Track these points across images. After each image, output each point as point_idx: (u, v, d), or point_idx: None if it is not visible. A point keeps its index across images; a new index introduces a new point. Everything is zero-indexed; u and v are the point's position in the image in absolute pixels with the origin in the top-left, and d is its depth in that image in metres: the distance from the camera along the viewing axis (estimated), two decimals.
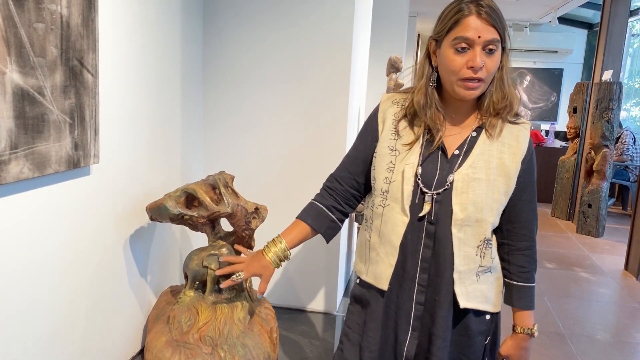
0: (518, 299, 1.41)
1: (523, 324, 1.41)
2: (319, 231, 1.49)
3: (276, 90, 2.09)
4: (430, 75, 1.36)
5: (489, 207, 1.32)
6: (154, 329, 1.57)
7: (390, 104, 1.45)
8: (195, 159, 2.11)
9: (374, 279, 1.43)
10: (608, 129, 5.68)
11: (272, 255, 1.44)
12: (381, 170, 1.41)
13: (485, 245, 1.35)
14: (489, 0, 1.29)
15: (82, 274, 1.38)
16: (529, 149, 1.38)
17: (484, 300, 1.39)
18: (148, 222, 1.68)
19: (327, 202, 1.52)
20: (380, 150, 1.43)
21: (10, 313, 1.12)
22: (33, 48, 1.08)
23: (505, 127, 1.37)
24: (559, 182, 6.65)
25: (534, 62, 10.68)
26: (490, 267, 1.38)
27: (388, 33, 4.75)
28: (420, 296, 1.37)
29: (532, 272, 1.41)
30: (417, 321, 1.38)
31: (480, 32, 1.26)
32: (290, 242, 1.46)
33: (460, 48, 1.27)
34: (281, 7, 2.03)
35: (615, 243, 5.55)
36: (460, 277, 1.35)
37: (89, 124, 1.29)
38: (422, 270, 1.36)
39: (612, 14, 6.03)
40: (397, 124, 1.41)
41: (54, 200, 1.23)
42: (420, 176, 1.35)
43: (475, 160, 1.34)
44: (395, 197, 1.37)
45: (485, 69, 1.28)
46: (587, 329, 3.37)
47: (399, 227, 1.37)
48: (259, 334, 1.59)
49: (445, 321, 1.36)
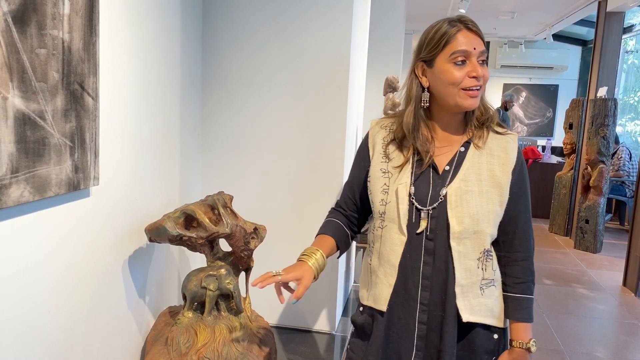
0: (514, 311, 1.41)
1: (519, 338, 1.40)
2: (339, 243, 1.51)
3: (274, 111, 2.11)
4: (421, 95, 1.40)
5: (485, 218, 1.34)
6: (152, 350, 1.57)
7: (379, 129, 1.50)
8: (194, 179, 2.12)
9: (373, 302, 1.44)
10: (604, 144, 5.72)
11: (314, 261, 1.39)
12: (377, 193, 1.43)
13: (486, 257, 1.36)
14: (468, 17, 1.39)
15: (82, 295, 1.37)
16: (518, 159, 1.41)
17: (489, 315, 1.39)
18: (147, 242, 1.68)
19: (342, 219, 1.55)
20: (373, 173, 1.46)
21: (9, 334, 1.12)
22: (35, 73, 1.09)
23: (492, 137, 1.42)
24: (556, 198, 6.67)
25: (529, 79, 10.77)
26: (494, 279, 1.39)
27: (385, 52, 4.80)
28: (422, 315, 1.38)
29: (529, 283, 1.41)
30: (420, 341, 1.38)
31: (474, 44, 1.33)
32: (322, 248, 1.44)
33: (459, 61, 1.32)
34: (277, 28, 2.06)
35: (613, 259, 5.55)
36: (463, 291, 1.35)
37: (89, 146, 1.30)
38: (423, 288, 1.37)
39: (605, 31, 6.11)
40: (386, 147, 1.45)
41: (54, 222, 1.24)
42: (414, 195, 1.37)
43: (467, 174, 1.36)
44: (391, 218, 1.39)
45: (483, 78, 1.35)
46: (586, 346, 3.36)
47: (397, 246, 1.38)
48: (258, 354, 1.59)
49: (452, 336, 1.36)
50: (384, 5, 4.71)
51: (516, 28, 8.78)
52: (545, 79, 10.76)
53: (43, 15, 1.11)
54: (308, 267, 1.37)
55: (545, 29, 8.44)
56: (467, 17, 1.35)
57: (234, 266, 1.66)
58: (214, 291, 1.58)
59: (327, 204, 2.07)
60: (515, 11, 7.44)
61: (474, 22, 1.35)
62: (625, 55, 8.44)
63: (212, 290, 1.58)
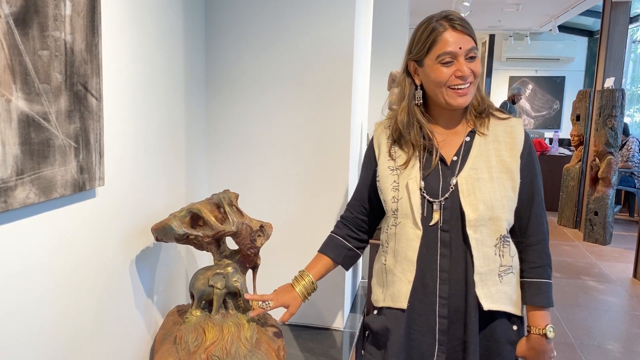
0: (530, 296, 1.39)
1: (535, 324, 1.39)
2: (337, 261, 1.57)
3: (278, 108, 2.11)
4: (414, 93, 1.41)
5: (499, 204, 1.33)
6: (161, 350, 1.57)
7: (382, 130, 1.53)
8: (200, 178, 2.12)
9: (391, 301, 1.43)
10: (612, 136, 5.68)
11: (301, 287, 1.53)
12: (387, 191, 1.44)
13: (503, 243, 1.35)
14: (456, 12, 1.38)
15: (90, 295, 1.38)
16: (526, 142, 1.40)
17: (508, 302, 1.38)
18: (154, 242, 1.68)
19: (342, 232, 1.60)
20: (381, 172, 1.46)
21: (18, 335, 1.12)
22: (38, 75, 1.10)
23: (494, 123, 1.42)
24: (564, 190, 6.63)
25: (535, 71, 10.71)
26: (512, 266, 1.38)
27: (389, 46, 4.78)
28: (442, 309, 1.37)
29: (545, 267, 1.39)
30: (442, 335, 1.37)
31: (460, 43, 1.33)
32: (315, 275, 1.55)
33: (446, 62, 1.34)
34: (280, 25, 2.05)
35: (623, 250, 5.52)
36: (482, 279, 1.34)
37: (94, 147, 1.31)
38: (442, 281, 1.37)
39: (612, 22, 6.06)
40: (391, 147, 1.47)
41: (60, 223, 1.24)
42: (425, 188, 1.37)
43: (475, 162, 1.36)
44: (405, 213, 1.39)
45: (473, 74, 1.36)
46: (597, 339, 3.34)
47: (413, 241, 1.38)
48: (266, 352, 1.59)
49: (475, 326, 1.36)
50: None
51: (521, 20, 8.72)
52: (551, 70, 10.70)
53: (45, 17, 1.11)
54: (296, 294, 1.52)
55: (551, 20, 8.38)
56: (454, 14, 1.35)
57: (241, 264, 1.66)
58: (222, 289, 1.59)
59: (333, 200, 2.06)
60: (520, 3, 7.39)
61: (461, 19, 1.34)
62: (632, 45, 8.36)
63: (219, 289, 1.58)
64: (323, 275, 1.58)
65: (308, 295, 1.55)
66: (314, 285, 1.55)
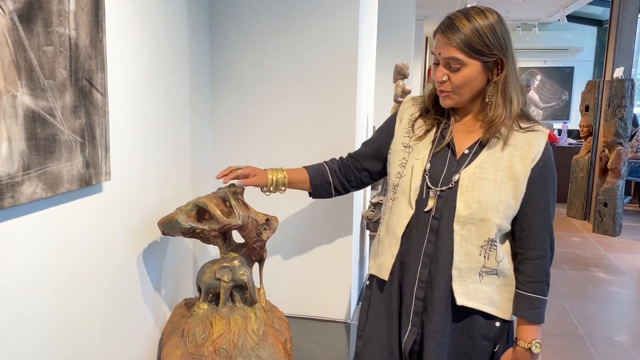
0: (521, 309, 1.38)
1: (522, 337, 1.38)
2: (312, 183, 1.64)
3: (283, 103, 2.11)
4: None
5: (494, 207, 1.32)
6: (169, 343, 1.59)
7: (410, 105, 1.55)
8: (206, 171, 2.13)
9: (377, 270, 1.50)
10: (621, 126, 5.63)
11: (273, 175, 1.61)
12: (394, 166, 1.47)
13: (490, 246, 1.35)
14: (460, 18, 1.32)
15: (97, 289, 1.39)
16: (544, 155, 1.35)
17: (488, 303, 1.37)
18: (160, 236, 1.69)
19: (332, 166, 1.66)
20: (394, 147, 1.50)
21: (28, 330, 1.14)
22: (43, 71, 1.10)
23: (518, 134, 1.37)
24: (573, 182, 6.58)
25: (544, 61, 10.61)
26: (496, 269, 1.37)
27: (395, 38, 4.76)
28: (420, 292, 1.40)
29: (541, 283, 1.38)
30: (416, 317, 1.41)
31: (439, 49, 1.34)
32: (289, 176, 1.63)
33: (435, 62, 1.37)
34: (284, 20, 2.05)
35: (633, 242, 5.48)
36: (460, 275, 1.35)
37: (100, 142, 1.32)
38: (423, 265, 1.39)
39: (621, 10, 5.99)
40: (414, 123, 1.50)
41: (67, 218, 1.25)
42: (428, 171, 1.38)
43: (484, 161, 1.35)
44: (403, 191, 1.42)
45: (450, 83, 1.34)
46: (606, 331, 3.32)
47: (403, 218, 1.41)
48: (274, 344, 1.60)
49: (442, 318, 1.36)
50: None
51: (529, 10, 8.63)
52: (560, 61, 10.59)
53: (49, 13, 1.11)
54: (266, 174, 1.61)
55: (559, 10, 8.28)
56: (447, 20, 1.33)
57: (247, 257, 1.67)
58: (228, 282, 1.59)
59: None
60: None
61: (451, 26, 1.30)
62: None
63: (226, 282, 1.59)
64: (294, 183, 1.64)
65: (274, 186, 1.62)
66: (285, 181, 1.62)
